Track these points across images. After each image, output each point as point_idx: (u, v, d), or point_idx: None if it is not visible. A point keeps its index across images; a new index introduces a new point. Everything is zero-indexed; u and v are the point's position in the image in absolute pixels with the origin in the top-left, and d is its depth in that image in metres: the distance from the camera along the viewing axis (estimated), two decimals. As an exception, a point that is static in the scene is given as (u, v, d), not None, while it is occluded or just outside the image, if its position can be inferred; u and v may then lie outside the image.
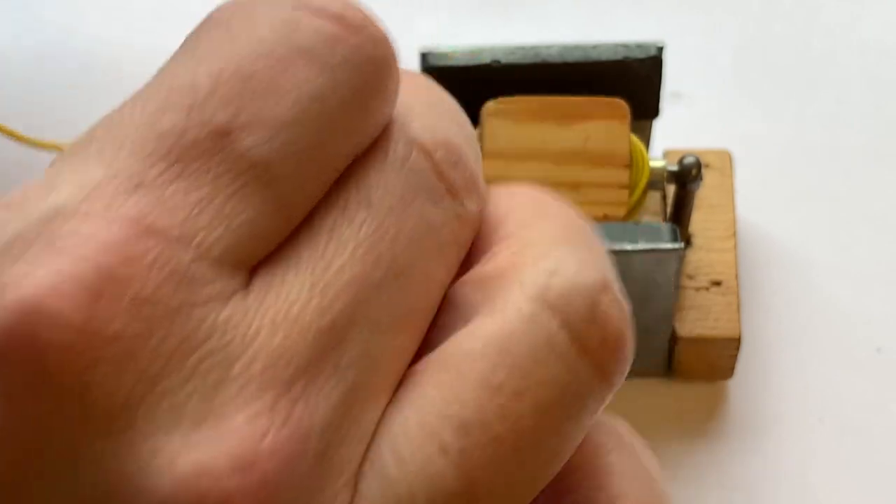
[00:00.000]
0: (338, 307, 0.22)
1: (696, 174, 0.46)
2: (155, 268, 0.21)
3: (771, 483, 0.48)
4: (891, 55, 0.58)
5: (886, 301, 0.52)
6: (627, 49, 0.48)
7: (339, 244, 0.23)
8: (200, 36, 0.23)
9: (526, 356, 0.23)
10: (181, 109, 0.22)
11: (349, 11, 0.23)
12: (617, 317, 0.23)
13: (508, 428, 0.22)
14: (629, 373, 0.53)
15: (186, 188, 0.22)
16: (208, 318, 0.21)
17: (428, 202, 0.24)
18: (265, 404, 0.21)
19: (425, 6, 0.60)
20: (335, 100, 0.23)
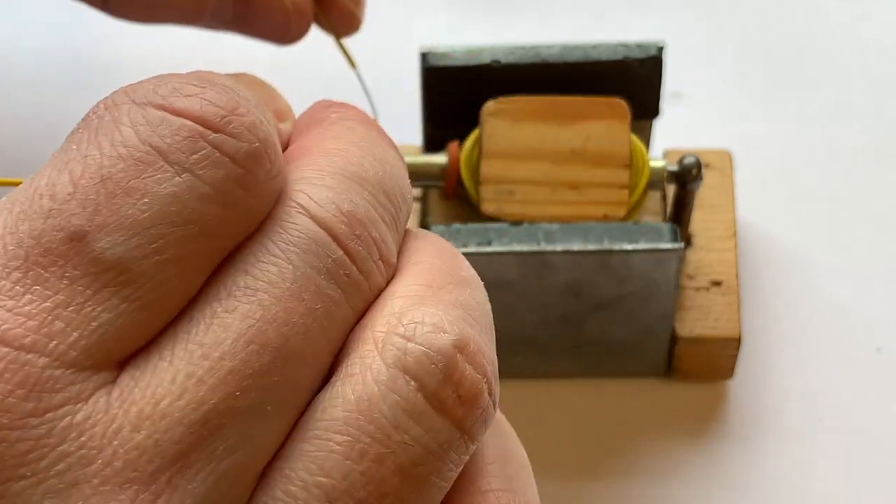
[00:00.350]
0: (215, 398, 0.22)
1: (696, 174, 0.46)
2: (5, 376, 0.22)
3: (771, 483, 0.48)
4: (891, 55, 0.58)
5: (886, 301, 0.52)
6: (627, 49, 0.48)
7: (220, 333, 0.23)
8: (72, 138, 0.24)
9: (386, 421, 0.23)
10: (40, 215, 0.23)
11: (209, 108, 0.24)
12: (471, 375, 0.24)
13: (373, 492, 0.23)
14: (629, 372, 0.54)
15: (42, 295, 0.22)
16: (63, 420, 0.22)
17: (327, 281, 0.24)
18: (123, 501, 0.21)
19: (425, 6, 0.59)
20: (193, 197, 0.23)
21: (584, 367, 0.50)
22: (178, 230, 0.23)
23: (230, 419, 0.23)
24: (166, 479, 0.22)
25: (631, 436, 0.49)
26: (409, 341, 0.24)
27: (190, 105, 0.24)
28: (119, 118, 0.24)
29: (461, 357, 0.24)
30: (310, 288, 0.24)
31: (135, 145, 0.23)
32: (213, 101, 0.24)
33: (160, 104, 0.24)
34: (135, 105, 0.24)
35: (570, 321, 0.48)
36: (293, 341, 0.23)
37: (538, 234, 0.45)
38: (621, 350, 0.49)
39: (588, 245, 0.45)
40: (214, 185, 0.23)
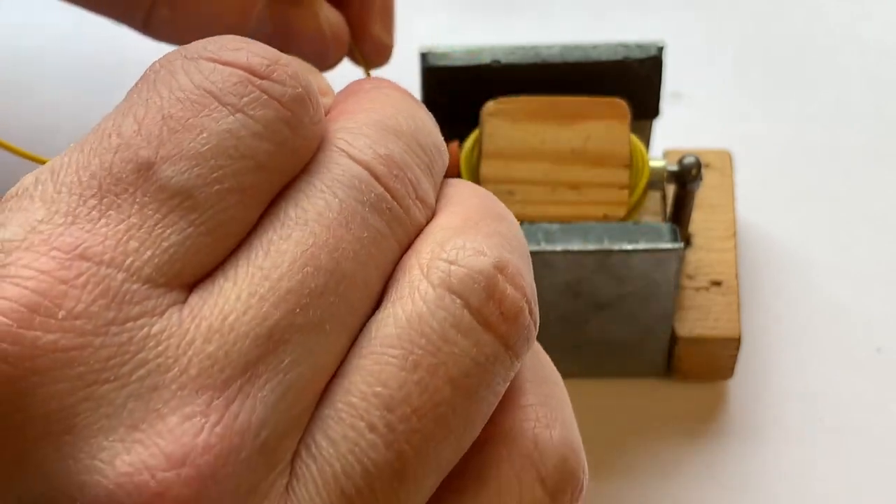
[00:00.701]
0: (277, 314, 0.25)
1: (696, 174, 0.46)
2: (87, 287, 0.24)
3: (771, 483, 0.48)
4: (891, 55, 0.58)
5: (886, 301, 0.52)
6: (627, 49, 0.48)
7: (277, 257, 0.25)
8: (133, 90, 0.26)
9: (436, 335, 0.26)
10: (109, 150, 0.25)
11: (255, 59, 0.27)
12: (512, 294, 0.27)
13: (428, 399, 0.25)
14: (629, 373, 0.54)
15: (117, 219, 0.24)
16: (141, 330, 0.24)
17: (371, 213, 0.26)
18: (200, 405, 0.23)
19: (425, 6, 0.60)
20: (247, 133, 0.26)
21: (584, 367, 0.50)
22: (235, 163, 0.25)
23: (292, 334, 0.25)
24: (238, 386, 0.24)
25: (631, 436, 0.49)
26: (452, 264, 0.26)
27: (237, 57, 0.26)
28: (174, 70, 0.26)
29: (501, 277, 0.27)
30: (355, 218, 0.26)
31: (190, 90, 0.26)
32: (258, 53, 0.27)
33: (210, 57, 0.26)
34: (187, 59, 0.26)
35: (570, 321, 0.48)
36: (344, 265, 0.26)
37: (538, 234, 0.45)
38: (621, 350, 0.49)
39: (588, 245, 0.45)
40: (265, 124, 0.26)
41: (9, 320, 0.23)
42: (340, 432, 0.25)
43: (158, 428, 0.23)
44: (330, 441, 0.25)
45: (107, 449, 0.23)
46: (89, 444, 0.23)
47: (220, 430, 0.23)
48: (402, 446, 0.25)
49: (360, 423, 0.25)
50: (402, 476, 0.25)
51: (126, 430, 0.23)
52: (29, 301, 0.23)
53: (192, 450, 0.23)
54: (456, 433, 0.26)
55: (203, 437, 0.23)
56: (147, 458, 0.23)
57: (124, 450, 0.23)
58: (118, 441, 0.23)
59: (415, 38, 0.51)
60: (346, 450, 0.25)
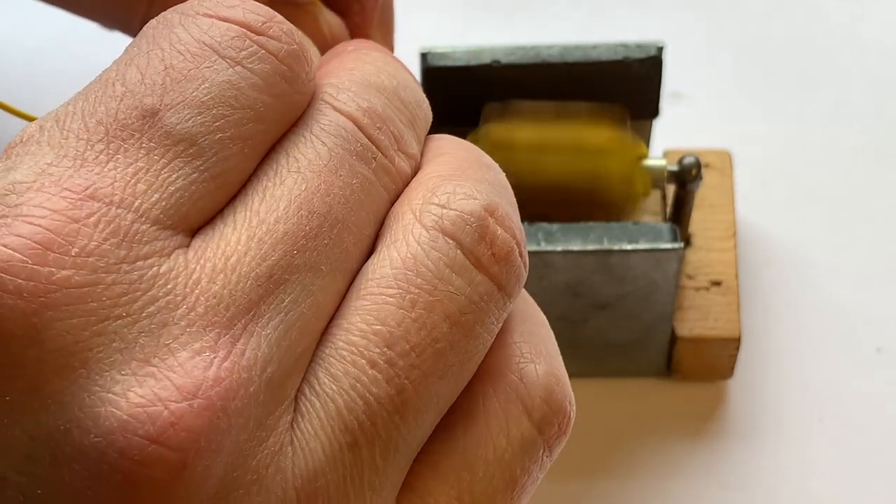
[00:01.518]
0: (276, 255, 0.25)
1: (695, 174, 0.46)
2: (99, 226, 0.24)
3: (771, 483, 0.48)
4: (891, 55, 0.58)
5: (886, 301, 0.52)
6: (627, 49, 0.48)
7: (273, 202, 0.26)
8: (133, 44, 0.27)
9: (431, 274, 0.27)
10: (114, 98, 0.26)
11: (251, 15, 0.27)
12: (502, 235, 0.28)
13: (426, 336, 0.26)
14: (629, 372, 0.53)
15: (124, 162, 0.25)
16: (151, 269, 0.25)
17: (358, 161, 0.28)
18: (208, 341, 0.24)
19: (425, 6, 0.60)
20: (247, 85, 0.27)
21: (584, 367, 0.50)
22: (237, 112, 0.26)
23: (290, 274, 0.26)
24: (242, 325, 0.25)
25: (631, 435, 0.49)
26: (444, 208, 0.28)
27: (234, 13, 0.27)
28: (173, 25, 0.27)
29: (492, 219, 0.28)
30: (343, 166, 0.27)
31: (190, 42, 0.27)
32: (254, 10, 0.28)
33: (207, 13, 0.27)
34: (184, 15, 0.27)
35: (570, 321, 0.48)
36: (336, 209, 0.27)
37: (538, 234, 0.45)
38: (621, 350, 0.49)
39: (588, 245, 0.45)
40: (263, 77, 0.27)
41: (24, 257, 0.23)
42: (342, 369, 0.26)
43: (169, 362, 0.24)
44: (332, 378, 0.26)
45: (120, 382, 0.24)
46: (103, 377, 0.23)
47: (229, 365, 0.24)
48: (402, 381, 0.26)
49: (360, 360, 0.26)
50: (403, 410, 0.26)
51: (138, 364, 0.24)
52: (43, 238, 0.24)
53: (203, 382, 0.24)
54: (453, 369, 0.27)
55: (213, 371, 0.24)
56: (159, 390, 0.24)
57: (137, 382, 0.24)
58: (131, 374, 0.24)
59: (415, 38, 0.51)
60: (349, 385, 0.26)
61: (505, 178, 0.30)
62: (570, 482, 0.48)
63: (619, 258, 0.45)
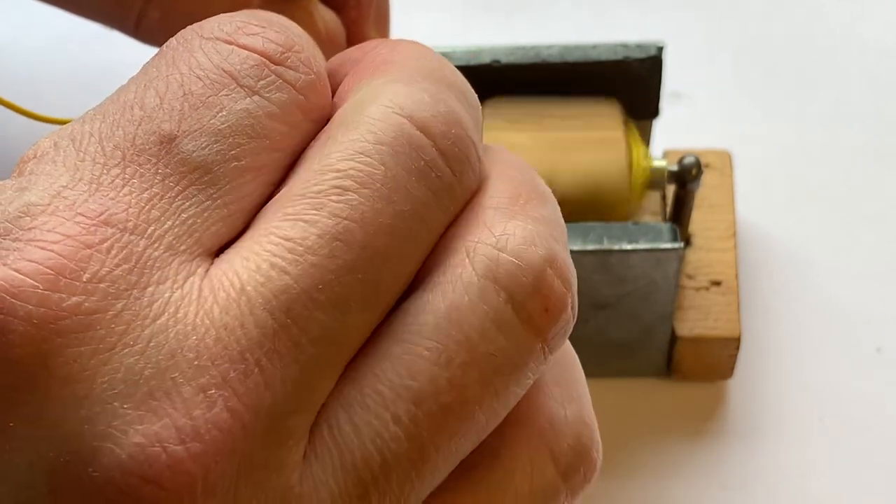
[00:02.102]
0: (297, 288, 0.24)
1: (695, 174, 0.46)
2: (111, 252, 0.24)
3: (771, 483, 0.48)
4: (891, 55, 0.58)
5: (886, 301, 0.52)
6: (627, 49, 0.48)
7: (306, 229, 0.25)
8: (151, 64, 0.27)
9: (475, 332, 0.25)
10: (132, 122, 0.26)
11: (270, 45, 0.27)
12: (559, 289, 0.26)
13: (456, 397, 0.25)
14: (629, 372, 0.53)
15: (139, 188, 0.25)
16: (162, 296, 0.24)
17: (418, 182, 0.26)
18: (215, 377, 0.23)
19: (425, 6, 0.60)
20: (264, 115, 0.26)
21: (584, 367, 0.49)
22: (253, 141, 0.26)
23: (312, 310, 0.24)
24: (255, 360, 0.24)
25: (631, 435, 0.49)
26: (500, 252, 0.26)
27: (254, 42, 0.27)
28: (192, 49, 0.27)
29: (550, 272, 0.26)
30: (400, 189, 0.25)
31: (210, 69, 0.26)
32: (273, 39, 0.27)
33: (227, 39, 0.27)
34: (204, 39, 0.27)
35: (569, 321, 0.48)
36: (379, 241, 0.25)
37: (538, 234, 0.45)
38: (621, 350, 0.49)
39: (588, 245, 0.45)
40: (280, 107, 0.26)
41: (35, 282, 0.23)
42: (365, 419, 0.25)
43: (173, 398, 0.23)
44: (354, 427, 0.25)
45: (121, 417, 0.23)
46: (105, 409, 0.23)
47: (234, 405, 0.23)
48: (423, 441, 0.25)
49: (385, 414, 0.25)
50: (420, 468, 0.25)
51: (142, 398, 0.23)
52: (55, 264, 0.24)
53: (204, 424, 0.23)
54: (479, 427, 0.25)
55: (216, 412, 0.23)
56: (160, 429, 0.23)
57: (138, 419, 0.23)
58: (133, 409, 0.23)
59: (415, 38, 0.51)
60: (369, 439, 0.25)
61: (559, 212, 0.28)
62: (570, 482, 0.48)
63: (619, 258, 0.45)
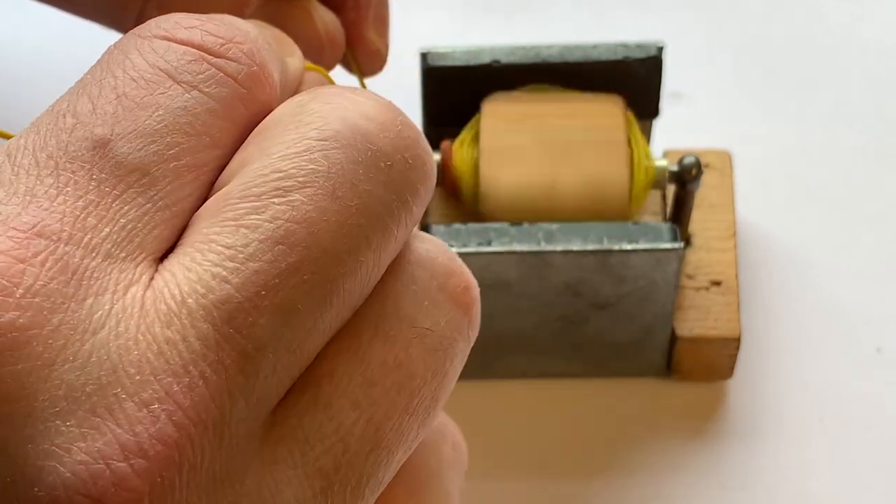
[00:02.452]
0: (240, 297, 0.24)
1: (695, 174, 0.46)
2: (46, 265, 0.23)
3: (771, 483, 0.48)
4: (891, 55, 0.58)
5: (886, 301, 0.52)
6: (627, 49, 0.48)
7: (246, 234, 0.24)
8: (88, 72, 0.26)
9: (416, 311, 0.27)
10: (64, 130, 0.25)
11: (209, 38, 0.26)
12: (468, 278, 0.28)
13: (405, 374, 0.26)
14: (629, 372, 0.53)
15: (74, 195, 0.24)
16: (103, 308, 0.23)
17: (365, 174, 0.25)
18: (158, 391, 0.23)
19: (425, 6, 0.60)
20: (203, 111, 0.25)
21: (584, 367, 0.50)
22: (192, 139, 0.25)
23: (257, 316, 0.24)
24: (198, 372, 0.23)
25: (631, 435, 0.49)
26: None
27: (191, 35, 0.26)
28: (128, 50, 0.26)
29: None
30: (346, 184, 0.25)
31: (144, 69, 0.26)
32: (212, 32, 0.26)
33: (164, 35, 0.26)
34: (140, 38, 0.26)
35: (570, 321, 0.48)
36: (324, 240, 0.25)
37: (538, 234, 0.45)
38: (621, 350, 0.49)
39: (588, 245, 0.45)
40: (220, 102, 0.26)
41: None
42: (327, 414, 0.25)
43: (116, 414, 0.23)
44: (315, 423, 0.25)
45: (64, 434, 0.23)
46: (47, 427, 0.23)
47: (178, 419, 0.23)
48: (380, 423, 0.25)
49: (344, 402, 0.25)
50: (378, 452, 0.25)
51: (84, 415, 0.23)
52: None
53: (147, 440, 0.23)
54: (426, 408, 0.26)
55: (158, 427, 0.23)
56: (102, 446, 0.23)
57: (81, 436, 0.23)
58: (76, 426, 0.23)
59: (415, 38, 0.51)
60: (331, 431, 0.25)
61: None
62: (570, 482, 0.48)
63: (619, 258, 0.45)
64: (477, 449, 0.49)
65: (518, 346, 0.48)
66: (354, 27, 0.45)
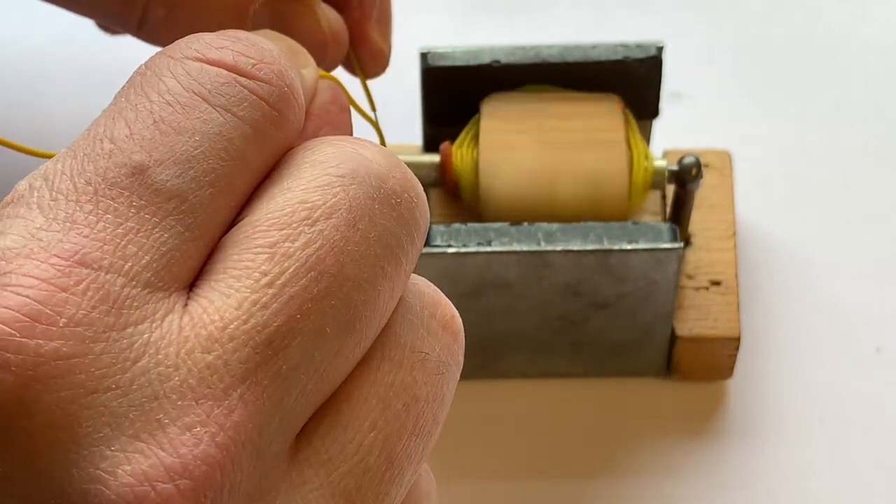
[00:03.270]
0: (277, 322, 0.25)
1: (695, 174, 0.46)
2: (87, 294, 0.24)
3: (771, 483, 0.48)
4: (891, 55, 0.58)
5: (886, 301, 0.52)
6: (627, 49, 0.48)
7: (283, 263, 0.25)
8: (121, 93, 0.27)
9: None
10: (102, 156, 0.25)
11: (240, 58, 0.27)
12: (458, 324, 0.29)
13: (412, 397, 0.27)
14: (629, 371, 0.53)
15: (114, 223, 0.25)
16: (142, 336, 0.24)
17: (380, 209, 0.26)
18: (199, 415, 0.24)
19: (425, 6, 0.60)
20: (237, 136, 0.26)
21: (584, 367, 0.50)
22: (226, 164, 0.26)
23: (292, 339, 0.25)
24: (238, 395, 0.24)
25: (631, 435, 0.49)
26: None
27: (223, 55, 0.27)
28: (161, 72, 0.26)
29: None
30: (364, 217, 0.26)
31: (179, 92, 0.26)
32: (243, 52, 0.27)
33: (196, 56, 0.27)
34: (173, 60, 0.27)
35: (569, 321, 0.48)
36: (351, 268, 0.26)
37: (538, 234, 0.45)
38: (621, 350, 0.49)
39: (588, 245, 0.45)
40: (253, 125, 0.26)
41: (11, 329, 0.23)
42: (349, 436, 0.26)
43: (159, 438, 0.23)
44: (339, 445, 0.26)
45: (109, 458, 0.23)
46: (91, 452, 0.23)
47: (220, 440, 0.24)
48: (393, 443, 0.26)
49: (364, 424, 0.26)
50: (392, 471, 0.26)
51: (127, 440, 0.23)
52: (31, 310, 0.23)
53: (192, 461, 0.23)
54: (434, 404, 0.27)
55: (202, 448, 0.23)
56: (147, 468, 0.23)
57: (125, 459, 0.23)
58: (120, 450, 0.23)
59: (415, 38, 0.51)
60: (352, 452, 0.26)
61: None
62: (570, 482, 0.48)
63: (619, 258, 0.45)
64: (477, 449, 0.49)
65: (518, 346, 0.48)
66: (358, 27, 0.45)
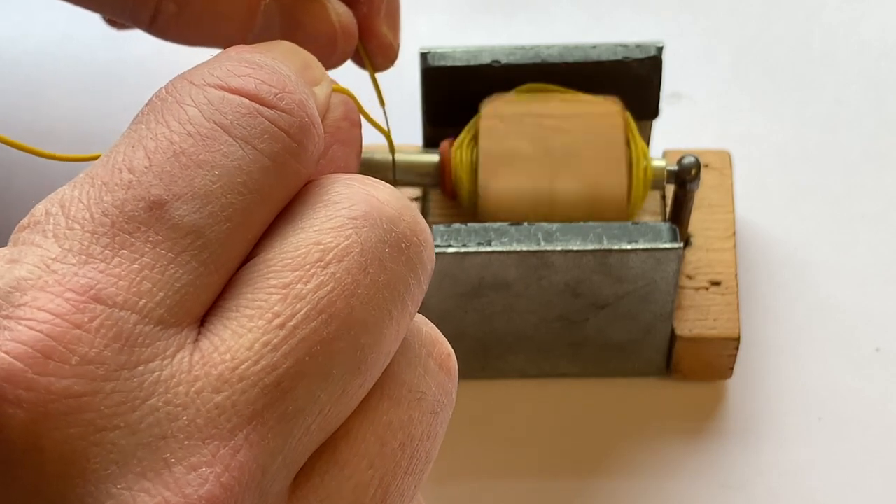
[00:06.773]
0: (287, 364, 0.25)
1: (695, 174, 0.46)
2: (101, 332, 0.24)
3: (770, 483, 0.48)
4: (891, 55, 0.58)
5: (886, 301, 0.52)
6: (627, 49, 0.48)
7: (294, 305, 0.25)
8: (141, 119, 0.26)
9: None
10: (121, 187, 0.25)
11: (263, 87, 0.26)
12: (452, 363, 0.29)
13: (407, 438, 0.27)
14: (629, 371, 0.53)
15: (130, 258, 0.24)
16: (153, 374, 0.24)
17: (390, 254, 0.26)
18: (206, 455, 0.24)
19: (425, 6, 0.60)
20: (257, 169, 0.26)
21: (584, 367, 0.50)
22: (244, 199, 0.26)
23: (299, 381, 0.25)
24: (244, 435, 0.24)
25: (630, 435, 0.49)
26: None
27: (245, 84, 0.26)
28: (182, 99, 0.26)
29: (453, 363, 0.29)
30: (374, 262, 0.26)
31: (201, 122, 0.26)
32: (265, 81, 0.26)
33: (218, 84, 0.26)
34: (194, 86, 0.26)
35: (569, 321, 0.48)
36: (360, 311, 0.26)
37: (538, 234, 0.45)
38: (621, 350, 0.49)
39: (587, 245, 0.45)
40: (273, 158, 0.26)
41: (24, 365, 0.23)
42: (347, 473, 0.26)
43: (165, 478, 0.24)
44: (336, 483, 0.26)
45: (115, 497, 0.23)
46: (98, 489, 0.23)
47: (225, 480, 0.24)
48: (388, 480, 0.26)
49: (362, 462, 0.26)
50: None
51: (134, 478, 0.23)
52: (44, 347, 0.23)
53: (196, 501, 0.24)
54: (424, 433, 0.27)
55: (207, 489, 0.24)
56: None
57: (131, 498, 0.23)
58: (126, 489, 0.23)
59: (415, 38, 0.51)
60: (349, 490, 0.26)
61: None
62: (570, 482, 0.48)
63: (619, 258, 0.45)
64: (477, 449, 0.49)
65: (518, 346, 0.49)
66: (367, 20, 0.45)
